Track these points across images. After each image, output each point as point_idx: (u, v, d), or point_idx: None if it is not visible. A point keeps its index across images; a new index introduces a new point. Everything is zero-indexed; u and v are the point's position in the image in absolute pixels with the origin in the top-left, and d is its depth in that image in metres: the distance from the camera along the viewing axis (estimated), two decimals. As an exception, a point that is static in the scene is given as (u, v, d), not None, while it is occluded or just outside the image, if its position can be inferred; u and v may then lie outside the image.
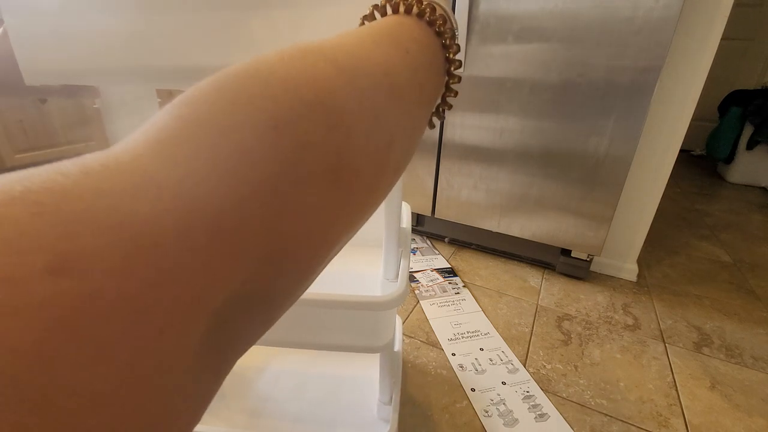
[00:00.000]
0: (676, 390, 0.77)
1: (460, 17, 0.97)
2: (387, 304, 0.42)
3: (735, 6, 2.77)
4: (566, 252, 1.12)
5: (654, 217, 1.08)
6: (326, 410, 0.60)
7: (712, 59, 0.91)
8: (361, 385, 0.65)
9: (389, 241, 0.49)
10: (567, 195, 1.02)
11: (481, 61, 1.00)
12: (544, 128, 0.99)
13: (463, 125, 1.08)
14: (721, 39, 2.66)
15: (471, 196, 1.15)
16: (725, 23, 0.88)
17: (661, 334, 0.93)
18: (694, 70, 0.93)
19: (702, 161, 2.67)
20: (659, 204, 1.06)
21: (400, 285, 0.44)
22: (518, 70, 0.97)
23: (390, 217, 0.47)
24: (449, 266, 1.18)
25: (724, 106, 2.36)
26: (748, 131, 2.11)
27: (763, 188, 2.16)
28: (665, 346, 0.89)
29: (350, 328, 0.47)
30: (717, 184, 2.20)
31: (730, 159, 2.24)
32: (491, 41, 0.97)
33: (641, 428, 0.68)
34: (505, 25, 0.94)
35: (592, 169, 0.97)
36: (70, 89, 1.36)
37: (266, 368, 0.68)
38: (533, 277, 1.15)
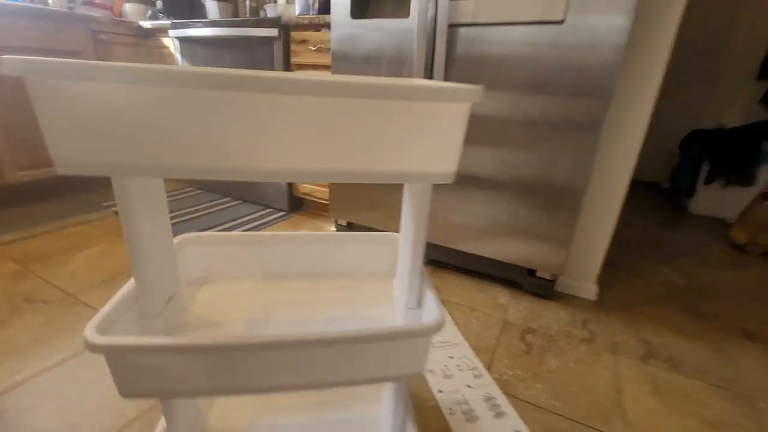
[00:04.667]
0: (621, 394, 0.86)
1: (439, 59, 1.11)
2: (434, 328, 0.47)
3: (695, 54, 3.03)
4: (532, 272, 1.23)
5: (620, 245, 1.21)
6: None
7: (653, 102, 1.05)
8: (367, 424, 0.68)
9: (413, 272, 0.54)
10: (532, 220, 1.14)
11: (455, 102, 1.14)
12: (512, 160, 1.12)
13: (440, 156, 1.21)
14: (684, 83, 2.92)
15: (448, 219, 1.27)
16: (663, 72, 1.03)
17: (614, 347, 1.03)
18: (638, 111, 1.08)
19: (668, 194, 2.86)
20: (625, 232, 1.19)
21: (438, 311, 0.49)
22: (490, 109, 1.11)
23: (416, 248, 0.52)
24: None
25: (685, 144, 2.56)
26: (706, 167, 2.30)
27: (722, 219, 2.33)
28: (615, 357, 0.99)
29: (399, 357, 0.49)
30: (680, 215, 2.36)
31: (691, 192, 2.42)
32: (466, 83, 1.11)
33: (587, 425, 0.77)
34: (477, 71, 1.09)
35: (553, 197, 1.10)
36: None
37: (255, 426, 0.67)
38: (503, 295, 1.25)
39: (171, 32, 1.84)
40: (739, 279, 1.51)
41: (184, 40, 1.85)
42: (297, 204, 1.91)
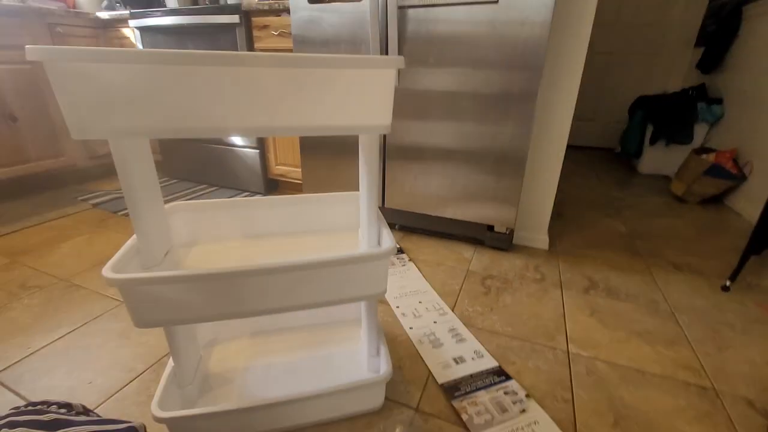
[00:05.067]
0: (564, 317, 1.02)
1: (392, 38, 1.21)
2: (387, 253, 0.60)
3: (641, 25, 3.23)
4: (491, 228, 1.38)
5: (574, 203, 1.36)
6: (320, 381, 0.75)
7: (581, 72, 1.19)
8: (347, 356, 0.82)
9: (370, 215, 0.65)
10: (484, 182, 1.28)
11: (412, 78, 1.25)
12: (462, 130, 1.24)
13: (401, 129, 1.32)
14: (631, 54, 3.11)
15: (413, 187, 1.39)
16: (587, 44, 1.17)
17: (561, 283, 1.19)
18: (568, 81, 1.22)
19: (621, 158, 3.08)
20: (580, 193, 1.34)
21: (391, 240, 0.62)
22: (440, 84, 1.22)
23: (371, 194, 0.63)
24: (399, 246, 1.40)
25: (632, 110, 2.77)
26: (650, 130, 2.51)
27: (666, 176, 2.56)
28: (562, 291, 1.14)
29: (363, 279, 0.61)
30: (630, 175, 2.58)
31: (639, 154, 2.64)
32: (417, 62, 1.22)
33: (534, 342, 0.92)
34: (426, 49, 1.20)
35: (500, 162, 1.23)
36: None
37: (250, 366, 0.79)
38: (467, 250, 1.39)
39: (131, 22, 1.85)
40: (674, 224, 1.72)
41: (145, 30, 1.87)
42: (272, 186, 1.98)
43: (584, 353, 0.89)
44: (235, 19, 1.59)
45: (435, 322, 0.98)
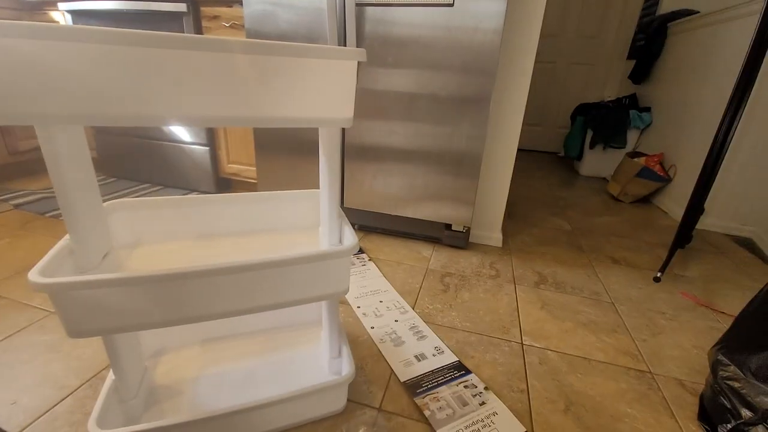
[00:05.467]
0: (518, 311, 1.07)
1: (350, 36, 1.20)
2: (349, 250, 0.58)
3: (579, 37, 3.45)
4: (449, 226, 1.41)
5: (523, 202, 1.42)
6: (279, 386, 0.72)
7: (530, 78, 1.26)
8: (307, 359, 0.79)
9: (331, 212, 0.63)
10: (442, 182, 1.30)
11: (371, 77, 1.24)
12: (420, 131, 1.26)
13: (360, 128, 1.32)
14: (573, 64, 3.32)
15: (372, 186, 1.38)
16: (535, 52, 1.23)
17: (514, 278, 1.24)
18: (519, 86, 1.28)
19: (565, 160, 3.29)
20: (528, 193, 1.40)
21: (353, 237, 0.61)
22: (398, 85, 1.23)
23: (332, 190, 0.62)
24: (359, 246, 1.39)
25: (573, 116, 2.96)
26: (589, 135, 2.70)
27: (603, 178, 2.77)
28: (515, 286, 1.19)
29: (324, 278, 0.59)
30: (572, 177, 2.76)
31: (580, 157, 2.83)
32: (376, 62, 1.22)
33: (491, 336, 0.95)
34: (385, 50, 1.20)
35: (457, 162, 1.26)
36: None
37: (202, 375, 0.74)
38: (426, 249, 1.41)
39: (61, 5, 1.68)
40: (611, 222, 1.86)
41: (77, 15, 1.70)
42: (224, 185, 1.89)
43: (536, 344, 0.94)
44: (181, 6, 1.50)
45: (396, 321, 0.98)
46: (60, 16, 1.77)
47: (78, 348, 0.84)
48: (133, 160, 1.90)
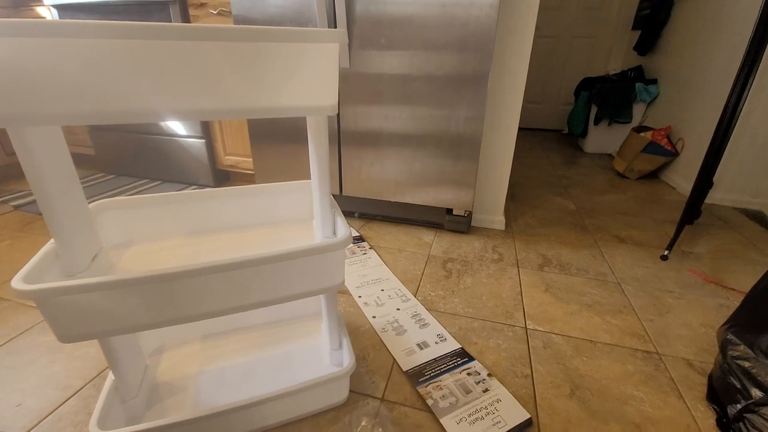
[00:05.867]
0: (521, 295, 1.05)
1: (341, 21, 1.16)
2: (342, 243, 0.57)
3: (581, 9, 3.34)
4: (450, 211, 1.38)
5: (526, 183, 1.39)
6: (281, 380, 0.71)
7: (529, 54, 1.21)
8: (308, 352, 0.78)
9: (323, 203, 0.61)
10: (441, 166, 1.27)
11: (363, 60, 1.20)
12: (417, 113, 1.22)
13: (355, 114, 1.28)
14: (576, 37, 3.22)
15: (370, 173, 1.36)
16: (534, 26, 1.18)
17: (517, 262, 1.22)
18: (517, 63, 1.23)
19: (568, 138, 3.22)
20: (531, 173, 1.37)
21: (346, 228, 0.59)
22: (392, 67, 1.19)
23: (322, 181, 0.59)
24: (359, 234, 1.37)
25: (577, 92, 2.89)
26: (594, 110, 2.63)
27: (609, 154, 2.71)
28: (518, 270, 1.18)
29: (318, 272, 0.57)
30: (577, 155, 2.70)
31: (584, 134, 2.77)
32: (368, 44, 1.18)
33: (494, 321, 0.94)
34: (377, 30, 1.15)
35: (456, 145, 1.23)
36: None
37: (203, 372, 0.73)
38: (427, 235, 1.39)
39: (46, 0, 1.64)
40: (617, 199, 1.82)
41: (63, 9, 1.66)
42: (223, 177, 1.88)
43: (540, 328, 0.92)
44: (167, -4, 1.45)
45: (398, 309, 0.97)
46: (46, 11, 1.73)
47: (80, 348, 0.84)
48: (130, 156, 1.89)
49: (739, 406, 0.65)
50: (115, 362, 0.60)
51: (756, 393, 0.63)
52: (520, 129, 3.55)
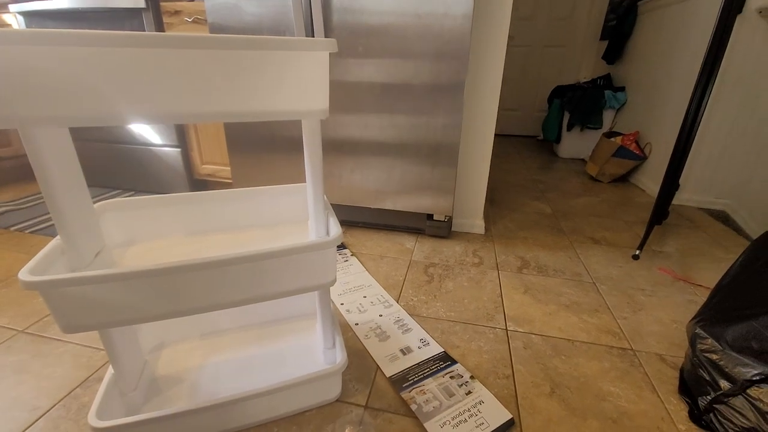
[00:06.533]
0: (501, 297, 1.07)
1: (318, 27, 1.16)
2: (334, 241, 0.59)
3: (552, 19, 3.46)
4: (430, 217, 1.40)
5: (504, 188, 1.42)
6: (276, 376, 0.72)
7: (503, 62, 1.24)
8: (302, 349, 0.79)
9: (317, 206, 0.62)
10: (421, 172, 1.29)
11: (342, 68, 1.21)
12: (395, 121, 1.24)
13: (334, 122, 1.29)
14: (548, 47, 3.32)
15: (350, 180, 1.36)
16: (507, 36, 1.22)
17: (497, 265, 1.24)
18: (492, 71, 1.26)
19: (544, 144, 3.32)
20: (508, 178, 1.40)
21: (338, 228, 0.61)
22: (370, 75, 1.20)
23: (316, 182, 0.60)
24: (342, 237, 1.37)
25: (550, 99, 2.98)
26: (567, 117, 2.72)
27: (582, 159, 2.80)
28: (498, 272, 1.20)
29: (311, 269, 0.59)
30: (552, 160, 2.78)
31: (558, 140, 2.86)
32: (347, 52, 1.19)
33: (476, 324, 0.95)
34: (354, 39, 1.17)
35: (434, 151, 1.25)
36: None
37: (200, 367, 0.75)
38: (409, 241, 1.40)
39: (12, 7, 1.59)
40: (591, 202, 1.88)
41: (30, 16, 1.61)
42: (199, 187, 1.84)
43: (521, 329, 0.94)
44: (140, 2, 1.43)
45: (381, 315, 0.97)
46: (12, 18, 1.67)
47: (47, 367, 0.80)
48: (101, 166, 1.83)
49: (709, 398, 0.68)
50: (115, 356, 0.60)
51: (725, 384, 0.66)
52: (497, 135, 3.64)
